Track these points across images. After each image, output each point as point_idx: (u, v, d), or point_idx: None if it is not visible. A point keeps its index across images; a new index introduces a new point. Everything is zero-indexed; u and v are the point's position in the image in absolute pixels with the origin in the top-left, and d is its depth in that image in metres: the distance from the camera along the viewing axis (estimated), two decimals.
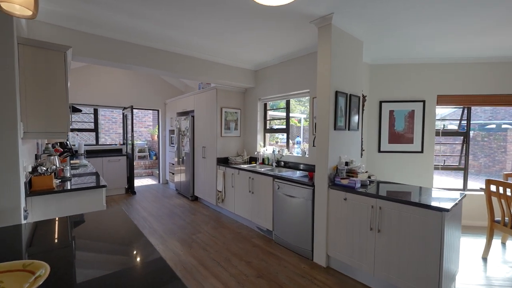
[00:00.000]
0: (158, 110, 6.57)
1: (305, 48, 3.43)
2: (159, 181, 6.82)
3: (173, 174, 5.92)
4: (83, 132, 8.14)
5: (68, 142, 5.19)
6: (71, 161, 3.70)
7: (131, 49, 3.15)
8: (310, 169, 3.42)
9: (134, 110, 9.63)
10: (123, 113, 6.12)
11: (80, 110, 3.68)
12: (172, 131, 6.08)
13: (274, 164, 3.83)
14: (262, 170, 3.55)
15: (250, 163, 4.26)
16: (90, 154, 5.42)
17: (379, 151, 3.87)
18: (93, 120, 5.78)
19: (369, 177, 2.77)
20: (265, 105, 4.42)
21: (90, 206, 2.35)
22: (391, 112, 3.83)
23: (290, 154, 3.81)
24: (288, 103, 3.99)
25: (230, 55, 3.76)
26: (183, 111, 5.54)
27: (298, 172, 3.41)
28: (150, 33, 3.01)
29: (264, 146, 4.40)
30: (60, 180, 2.50)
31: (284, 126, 4.12)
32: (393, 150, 3.83)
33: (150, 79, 6.22)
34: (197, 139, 4.88)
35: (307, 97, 3.69)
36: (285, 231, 3.00)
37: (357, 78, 2.89)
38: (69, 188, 2.31)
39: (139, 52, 3.21)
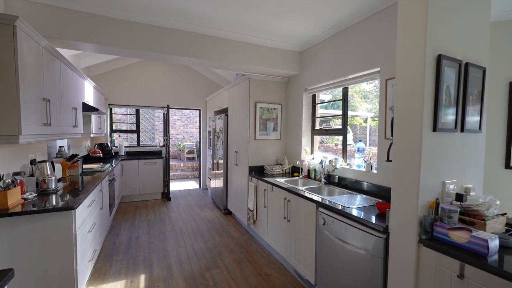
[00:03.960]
0: (199, 110, 6.10)
1: (370, 5, 2.20)
2: (200, 186, 6.36)
3: (210, 179, 5.32)
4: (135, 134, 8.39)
5: (108, 143, 5.13)
6: (87, 166, 3.37)
7: (131, 30, 2.53)
8: (379, 194, 2.16)
9: (183, 110, 9.69)
10: (163, 114, 5.85)
11: (96, 109, 3.30)
12: (210, 133, 5.49)
13: (323, 180, 2.68)
14: (303, 188, 2.46)
15: (292, 175, 3.20)
16: (130, 156, 5.27)
17: (509, 166, 2.29)
18: (135, 121, 5.65)
19: (509, 225, 1.40)
20: (314, 97, 3.29)
21: (53, 234, 1.74)
22: None
23: (347, 167, 2.59)
24: (345, 92, 2.78)
25: (266, 30, 2.80)
26: (218, 109, 4.85)
27: (358, 197, 2.19)
28: (156, 6, 2.31)
29: (311, 153, 3.27)
30: (36, 195, 1.99)
31: (340, 126, 2.91)
32: None
33: (190, 76, 5.78)
34: (230, 142, 4.08)
35: (375, 82, 2.43)
36: None
37: (480, 34, 1.54)
38: (39, 207, 1.77)
39: (140, 32, 2.56)
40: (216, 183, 4.68)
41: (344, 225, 1.74)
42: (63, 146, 3.08)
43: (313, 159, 3.02)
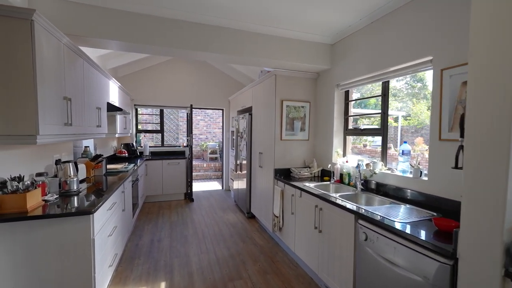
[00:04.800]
0: (222, 109, 6.00)
1: None
2: (222, 187, 6.25)
3: (233, 181, 5.17)
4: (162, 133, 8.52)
5: (134, 144, 5.18)
6: (111, 166, 3.35)
7: (149, 24, 2.42)
8: (429, 205, 1.82)
9: (206, 110, 9.69)
10: (187, 114, 5.82)
11: (119, 109, 3.27)
12: (233, 133, 5.34)
13: (359, 186, 2.37)
14: (336, 195, 2.18)
15: (322, 180, 2.92)
16: (154, 156, 5.29)
17: None
18: (159, 121, 5.67)
19: None
20: (347, 93, 2.98)
21: (71, 240, 1.65)
22: None
23: (388, 172, 2.27)
24: (385, 87, 2.45)
25: (293, 20, 2.56)
26: (242, 109, 4.68)
27: (402, 207, 1.87)
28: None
29: (344, 155, 2.96)
30: (57, 197, 1.94)
31: (377, 126, 2.58)
32: None
33: (212, 75, 5.69)
34: (254, 142, 3.89)
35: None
36: None
37: None
38: (52, 212, 1.70)
39: (160, 27, 2.45)
40: (239, 184, 4.51)
41: (393, 244, 1.45)
42: (88, 146, 3.08)
43: (346, 162, 2.72)
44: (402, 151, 2.12)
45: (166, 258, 2.77)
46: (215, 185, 6.69)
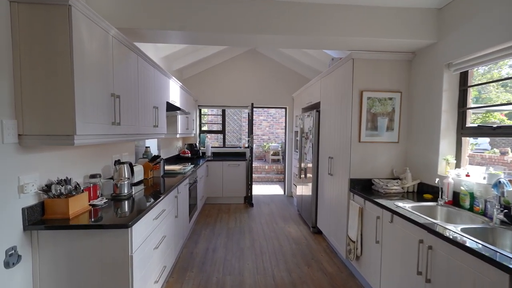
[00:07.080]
0: (285, 108, 5.52)
1: None
2: (284, 192, 5.76)
3: (295, 186, 4.62)
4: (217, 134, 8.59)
5: (197, 144, 5.21)
6: (169, 167, 3.25)
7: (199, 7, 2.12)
8: None
9: (269, 110, 9.36)
10: (248, 113, 5.56)
11: (178, 109, 3.15)
12: (296, 133, 4.79)
13: (497, 215, 1.50)
14: (456, 228, 1.39)
15: (421, 198, 2.09)
16: (216, 156, 5.21)
17: None
18: (221, 122, 5.59)
19: None
20: (462, 77, 2.07)
21: (108, 255, 1.44)
22: None
23: None
24: None
25: None
26: (307, 105, 4.08)
27: None
28: None
29: (458, 165, 2.06)
30: (106, 201, 1.81)
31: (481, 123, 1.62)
32: None
33: (275, 71, 5.26)
34: (322, 145, 3.26)
35: None
36: None
37: None
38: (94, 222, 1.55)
39: (209, 9, 2.11)
40: (303, 190, 3.93)
41: None
42: (149, 147, 3.05)
43: (467, 175, 1.84)
44: None
45: (218, 274, 2.46)
46: (276, 189, 6.26)
